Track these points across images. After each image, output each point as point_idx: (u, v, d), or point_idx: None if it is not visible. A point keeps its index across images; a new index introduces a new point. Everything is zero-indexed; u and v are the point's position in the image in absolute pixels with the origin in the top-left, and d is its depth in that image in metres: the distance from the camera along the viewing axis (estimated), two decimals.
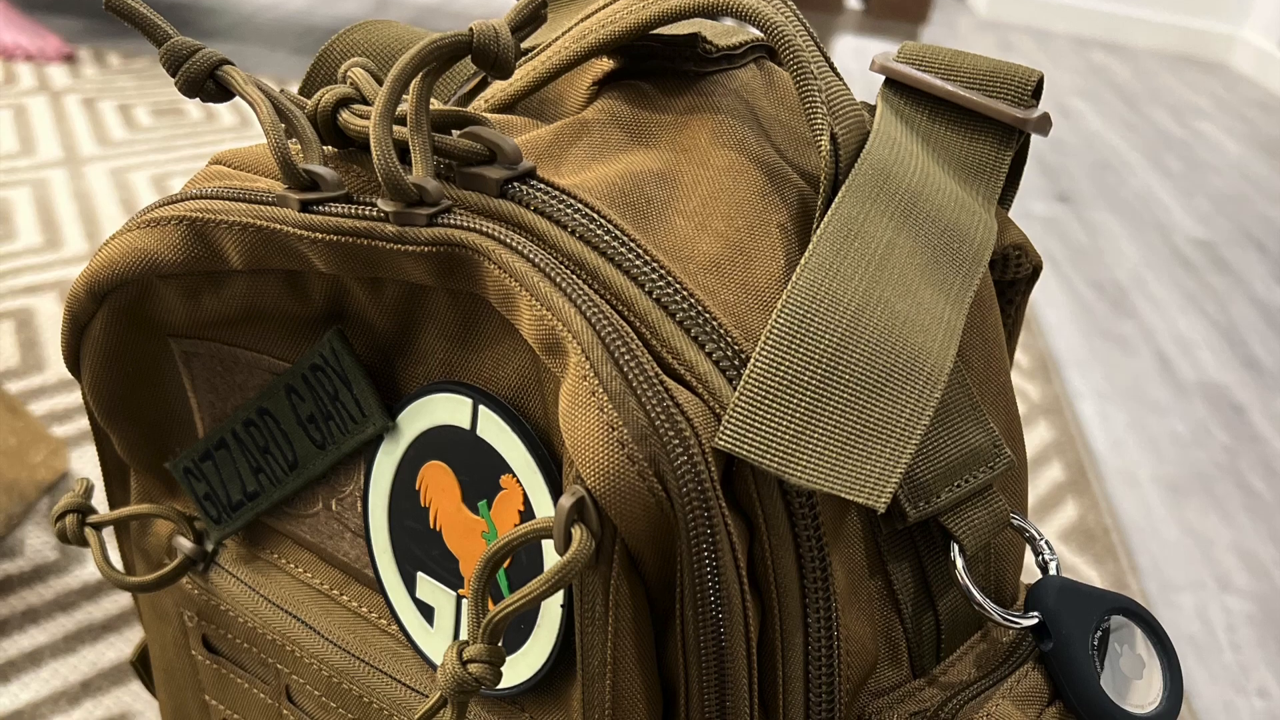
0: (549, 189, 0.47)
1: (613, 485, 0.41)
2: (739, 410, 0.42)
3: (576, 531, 0.41)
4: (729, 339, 0.44)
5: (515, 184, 0.47)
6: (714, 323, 0.44)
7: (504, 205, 0.46)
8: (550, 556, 0.47)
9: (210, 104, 0.49)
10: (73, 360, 0.57)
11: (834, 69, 0.51)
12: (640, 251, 0.45)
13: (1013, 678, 0.49)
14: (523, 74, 0.55)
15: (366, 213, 0.46)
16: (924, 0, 3.85)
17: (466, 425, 0.48)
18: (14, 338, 1.43)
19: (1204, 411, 1.62)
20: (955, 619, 0.51)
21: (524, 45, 0.57)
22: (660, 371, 0.42)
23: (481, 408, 0.48)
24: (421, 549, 0.52)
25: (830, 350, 0.43)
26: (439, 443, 0.50)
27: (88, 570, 1.09)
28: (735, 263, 0.47)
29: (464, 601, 0.51)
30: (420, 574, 0.52)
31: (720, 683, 0.44)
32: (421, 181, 0.45)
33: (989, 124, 0.54)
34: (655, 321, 0.44)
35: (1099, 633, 0.50)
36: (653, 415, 0.41)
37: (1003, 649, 0.51)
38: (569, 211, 0.46)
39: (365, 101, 0.48)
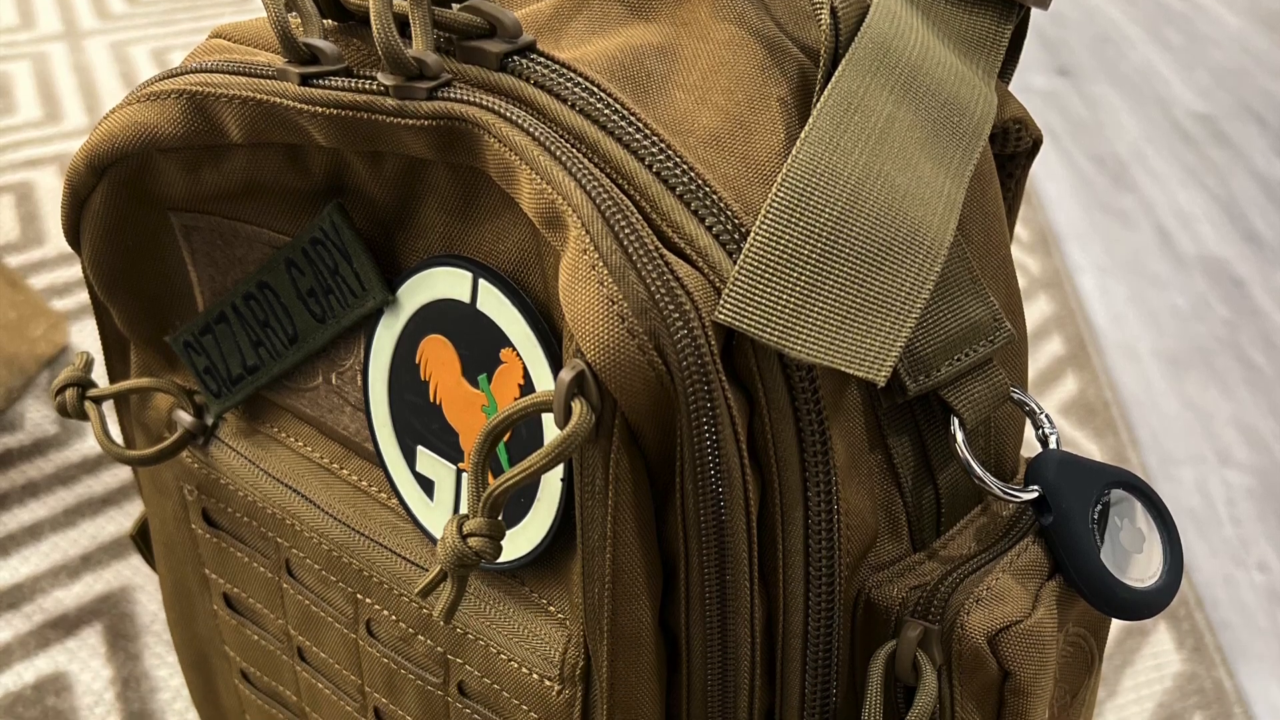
0: (549, 63, 0.46)
1: (612, 359, 0.41)
2: (739, 284, 0.41)
3: (576, 405, 0.42)
4: (729, 213, 0.44)
5: (515, 57, 0.46)
6: (714, 196, 0.44)
7: (504, 79, 0.46)
8: (550, 430, 0.47)
9: None
10: (73, 234, 0.57)
11: None
12: (640, 125, 0.45)
13: (1013, 551, 0.49)
14: None
15: (366, 86, 0.46)
16: None
17: (466, 299, 0.48)
18: (14, 211, 1.43)
19: (1204, 285, 1.62)
20: (955, 493, 0.51)
21: None
22: (660, 245, 0.42)
23: (481, 281, 0.48)
24: (421, 423, 0.52)
25: (830, 224, 0.43)
26: (439, 316, 0.50)
27: (88, 444, 1.10)
28: (735, 136, 0.46)
29: (464, 475, 0.52)
30: (420, 448, 0.53)
31: (720, 557, 0.44)
32: (421, 55, 0.45)
33: None
34: (655, 195, 0.44)
35: (1099, 507, 0.50)
36: (653, 289, 0.41)
37: (1002, 523, 0.52)
38: (569, 85, 0.46)
39: None
